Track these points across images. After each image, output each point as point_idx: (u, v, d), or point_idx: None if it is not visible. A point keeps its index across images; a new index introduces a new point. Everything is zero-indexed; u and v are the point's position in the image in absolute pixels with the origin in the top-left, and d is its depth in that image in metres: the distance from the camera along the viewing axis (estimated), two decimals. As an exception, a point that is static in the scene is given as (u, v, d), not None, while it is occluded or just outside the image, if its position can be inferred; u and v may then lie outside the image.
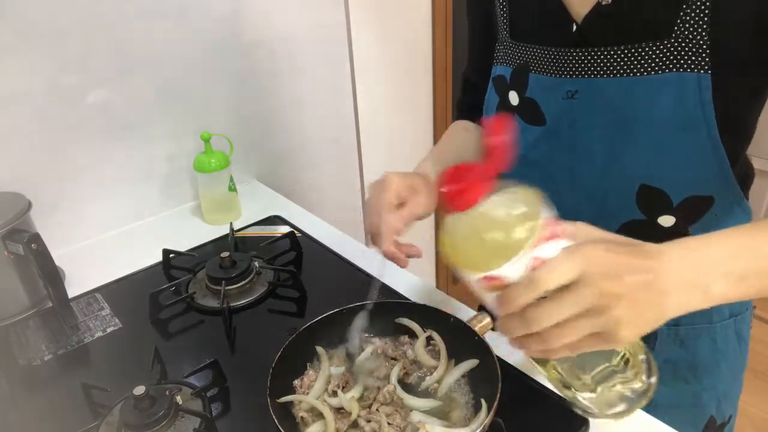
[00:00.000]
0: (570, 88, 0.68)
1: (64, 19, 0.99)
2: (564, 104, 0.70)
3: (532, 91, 0.73)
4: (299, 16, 1.31)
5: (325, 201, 1.54)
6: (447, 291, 0.99)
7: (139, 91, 1.11)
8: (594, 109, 0.68)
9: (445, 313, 0.73)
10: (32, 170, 1.03)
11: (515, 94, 0.75)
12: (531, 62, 0.72)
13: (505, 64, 0.77)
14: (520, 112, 0.75)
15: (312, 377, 0.70)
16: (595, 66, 0.66)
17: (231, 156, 1.15)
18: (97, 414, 0.70)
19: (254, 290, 0.93)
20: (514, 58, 0.75)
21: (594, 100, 0.67)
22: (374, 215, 0.66)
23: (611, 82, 0.65)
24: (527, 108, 0.74)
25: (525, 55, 0.73)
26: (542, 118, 0.72)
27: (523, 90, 0.74)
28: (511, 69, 0.75)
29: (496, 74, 0.79)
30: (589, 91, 0.67)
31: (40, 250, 0.85)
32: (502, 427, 0.63)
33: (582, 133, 0.69)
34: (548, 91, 0.71)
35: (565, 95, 0.69)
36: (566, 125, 0.70)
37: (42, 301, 0.94)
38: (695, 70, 0.60)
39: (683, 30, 0.60)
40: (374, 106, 1.59)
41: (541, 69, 0.71)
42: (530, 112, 0.73)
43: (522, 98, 0.74)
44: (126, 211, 1.17)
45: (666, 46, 0.61)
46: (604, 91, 0.66)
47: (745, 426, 1.87)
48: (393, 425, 0.63)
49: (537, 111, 0.73)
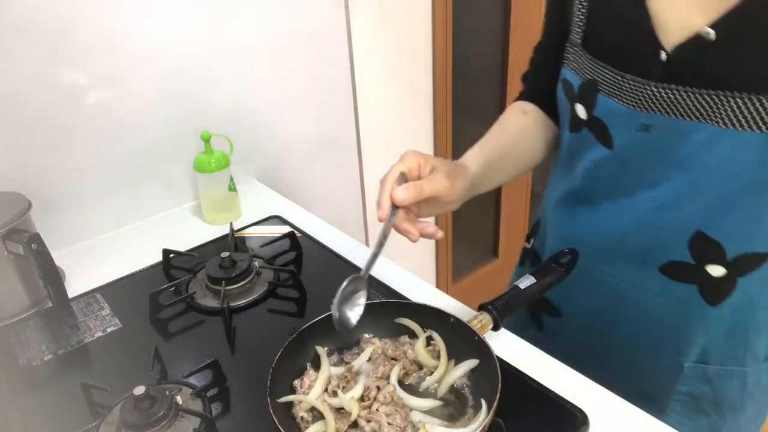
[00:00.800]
0: (645, 121, 0.63)
1: (64, 18, 0.99)
2: (636, 136, 0.65)
3: (600, 113, 0.68)
4: (299, 16, 1.31)
5: (325, 201, 1.54)
6: (447, 291, 0.99)
7: (139, 91, 1.11)
8: (669, 147, 0.63)
9: (445, 313, 0.73)
10: (32, 170, 1.03)
11: (582, 109, 0.70)
12: (601, 82, 0.67)
13: (573, 72, 0.71)
14: (588, 127, 0.71)
15: (312, 377, 0.70)
16: (678, 106, 0.60)
17: (231, 156, 1.15)
18: (97, 414, 0.70)
19: (254, 290, 0.93)
20: (584, 70, 0.69)
21: (670, 138, 0.62)
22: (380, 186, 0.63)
23: (693, 126, 0.60)
24: (595, 126, 0.69)
25: (595, 73, 0.67)
26: (610, 142, 0.68)
27: (591, 107, 0.69)
28: (580, 81, 0.70)
29: (564, 77, 0.74)
30: (666, 129, 0.62)
31: (40, 250, 0.85)
32: (502, 427, 0.63)
33: (652, 166, 0.65)
34: (619, 119, 0.66)
35: (638, 127, 0.64)
36: (635, 155, 0.66)
37: (42, 301, 0.94)
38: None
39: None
40: (374, 106, 1.59)
41: (613, 94, 0.65)
42: (598, 131, 0.69)
43: (590, 115, 0.70)
44: (126, 211, 1.17)
45: (761, 101, 0.55)
46: (683, 134, 0.61)
47: (745, 426, 1.87)
48: (393, 425, 0.63)
49: (605, 133, 0.68)
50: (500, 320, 0.72)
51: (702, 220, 0.64)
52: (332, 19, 1.39)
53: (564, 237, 0.82)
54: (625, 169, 0.68)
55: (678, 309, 0.72)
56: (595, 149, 0.71)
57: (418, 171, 0.65)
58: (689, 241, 0.66)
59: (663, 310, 0.73)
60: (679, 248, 0.67)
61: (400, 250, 0.96)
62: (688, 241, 0.66)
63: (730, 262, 0.65)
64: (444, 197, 0.64)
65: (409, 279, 0.94)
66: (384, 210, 0.60)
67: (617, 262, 0.74)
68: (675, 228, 0.67)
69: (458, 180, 0.66)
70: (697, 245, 0.66)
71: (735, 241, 0.64)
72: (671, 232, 0.67)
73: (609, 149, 0.69)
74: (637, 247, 0.71)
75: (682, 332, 0.73)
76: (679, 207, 0.65)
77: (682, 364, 0.75)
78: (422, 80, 1.72)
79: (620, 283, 0.75)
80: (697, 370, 0.74)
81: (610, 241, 0.74)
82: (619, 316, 0.77)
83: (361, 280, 0.62)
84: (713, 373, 0.74)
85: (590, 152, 0.72)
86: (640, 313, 0.75)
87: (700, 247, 0.66)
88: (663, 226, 0.67)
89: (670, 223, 0.67)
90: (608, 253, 0.75)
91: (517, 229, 2.37)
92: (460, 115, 1.86)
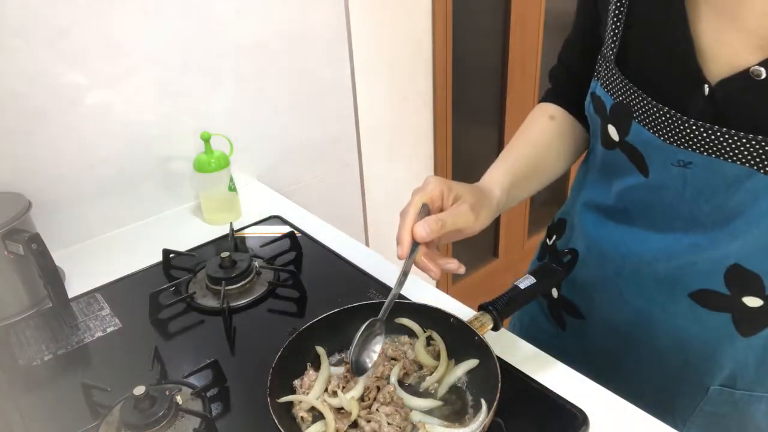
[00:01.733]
0: (683, 158, 0.58)
1: (64, 18, 0.99)
2: (673, 171, 0.60)
3: (635, 141, 0.63)
4: (299, 16, 1.31)
5: (325, 201, 1.54)
6: (447, 291, 0.99)
7: (139, 91, 1.11)
8: (708, 186, 0.58)
9: (445, 313, 0.73)
10: (32, 170, 1.03)
11: (615, 131, 0.64)
12: (636, 108, 0.61)
13: (605, 88, 0.65)
14: (621, 149, 0.65)
15: (312, 377, 0.69)
16: (722, 148, 0.55)
17: (231, 156, 1.15)
18: (97, 414, 0.70)
19: (254, 290, 0.93)
20: (616, 90, 0.63)
21: (710, 178, 0.58)
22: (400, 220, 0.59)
23: (734, 168, 0.55)
24: (629, 151, 0.64)
25: (629, 97, 0.61)
26: (646, 170, 0.63)
27: (625, 133, 0.63)
28: (612, 102, 0.64)
29: (594, 92, 0.67)
30: (708, 169, 0.57)
31: (40, 250, 0.85)
32: (502, 427, 0.63)
33: (689, 201, 0.61)
34: (656, 151, 0.61)
35: (676, 162, 0.59)
36: (672, 190, 0.62)
37: (42, 301, 0.94)
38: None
39: None
40: (374, 106, 1.59)
41: (648, 124, 0.60)
42: (633, 156, 0.64)
43: (623, 140, 0.64)
44: (126, 211, 1.17)
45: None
46: (727, 178, 0.56)
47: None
48: (393, 425, 0.63)
49: (640, 161, 0.63)
50: (500, 320, 0.72)
51: (739, 255, 0.61)
52: (332, 19, 1.39)
53: (592, 245, 0.76)
54: (662, 201, 0.64)
55: (708, 336, 0.68)
56: (629, 172, 0.65)
57: (441, 201, 0.61)
58: (725, 273, 0.62)
59: (692, 336, 0.69)
60: (714, 280, 0.63)
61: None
62: (723, 273, 0.62)
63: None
64: (466, 230, 0.62)
65: (409, 279, 0.94)
66: (404, 247, 0.58)
67: (645, 284, 0.70)
68: (710, 260, 0.63)
69: (482, 211, 0.63)
70: (733, 277, 0.62)
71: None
72: (706, 264, 0.63)
73: (644, 177, 0.64)
74: (667, 274, 0.67)
75: (710, 358, 0.70)
76: (717, 245, 0.61)
77: (708, 387, 0.72)
78: (422, 80, 1.72)
79: (647, 303, 0.71)
80: (723, 394, 0.71)
81: (640, 264, 0.69)
82: (645, 334, 0.74)
83: (378, 323, 0.63)
84: (739, 398, 0.71)
85: (625, 174, 0.67)
86: (666, 335, 0.72)
87: (736, 279, 0.62)
88: (697, 260, 0.64)
89: (705, 258, 0.63)
90: (637, 273, 0.71)
91: (517, 229, 2.37)
92: (460, 115, 1.86)
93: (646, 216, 0.67)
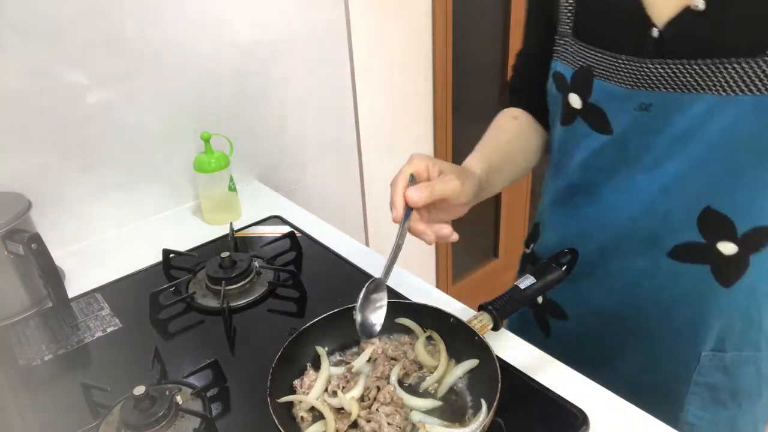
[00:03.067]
0: (644, 100, 0.63)
1: (64, 18, 0.99)
2: (636, 116, 0.65)
3: (597, 98, 0.68)
4: (299, 16, 1.31)
5: (325, 201, 1.54)
6: (447, 291, 0.99)
7: (139, 91, 1.11)
8: (669, 124, 0.63)
9: (445, 313, 0.73)
10: (32, 170, 1.03)
11: (577, 98, 0.70)
12: (596, 67, 0.67)
13: (565, 62, 0.71)
14: (583, 116, 0.70)
15: (312, 377, 0.70)
16: (676, 80, 0.60)
17: (231, 156, 1.15)
18: (97, 414, 0.70)
19: (254, 290, 0.93)
20: (576, 58, 0.69)
21: (670, 114, 0.62)
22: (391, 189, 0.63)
23: (691, 98, 0.60)
24: (592, 114, 0.69)
25: (589, 59, 0.67)
26: (609, 128, 0.68)
27: (587, 95, 0.69)
28: (573, 70, 0.70)
29: (556, 70, 0.73)
30: (665, 106, 0.62)
31: (40, 250, 0.85)
32: (502, 427, 0.63)
33: (652, 147, 0.65)
34: (617, 101, 0.66)
35: (637, 107, 0.64)
36: (636, 137, 0.66)
37: (42, 301, 0.94)
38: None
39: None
40: (374, 106, 1.59)
41: (609, 77, 0.65)
42: (595, 118, 0.69)
43: (585, 103, 0.69)
44: (126, 211, 1.17)
45: (758, 64, 0.55)
46: (682, 107, 0.61)
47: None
48: (393, 425, 0.63)
49: (603, 119, 0.68)
50: (500, 320, 0.72)
51: (709, 195, 0.64)
52: (332, 19, 1.39)
53: (566, 235, 0.81)
54: (627, 153, 0.68)
55: (692, 294, 0.71)
56: (591, 138, 0.70)
57: (427, 173, 0.65)
58: (698, 218, 0.65)
59: (676, 297, 0.72)
60: (689, 228, 0.66)
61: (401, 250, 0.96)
62: (696, 219, 0.65)
63: (741, 238, 0.65)
64: (454, 199, 0.64)
65: (409, 279, 0.94)
66: (399, 210, 0.61)
67: (626, 253, 0.73)
68: (682, 207, 0.66)
69: (466, 182, 0.66)
70: (706, 222, 0.65)
71: (744, 215, 0.64)
72: (679, 211, 0.66)
73: (608, 135, 0.68)
74: (645, 233, 0.70)
75: (696, 319, 0.72)
76: (684, 184, 0.64)
77: (699, 354, 0.74)
78: (422, 80, 1.72)
79: (630, 274, 0.74)
80: (714, 359, 0.74)
81: (617, 230, 0.73)
82: (631, 310, 0.76)
83: (380, 283, 0.63)
84: (730, 361, 0.74)
85: (586, 142, 0.71)
86: (652, 304, 0.74)
87: (709, 224, 0.65)
88: (670, 207, 0.67)
89: (677, 203, 0.66)
90: (615, 243, 0.74)
91: (517, 229, 2.37)
92: (459, 115, 1.86)
93: (612, 177, 0.71)
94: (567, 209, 0.80)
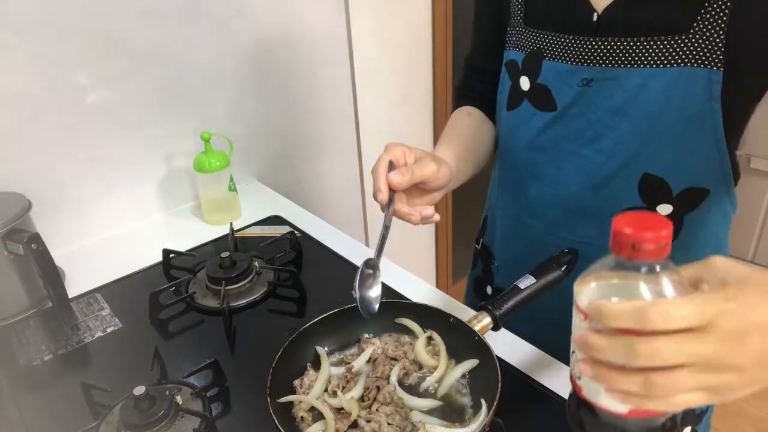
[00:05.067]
0: (586, 75, 0.70)
1: (64, 18, 0.99)
2: (578, 91, 0.71)
3: (545, 78, 0.74)
4: (299, 16, 1.31)
5: (325, 201, 1.54)
6: (447, 291, 0.99)
7: (139, 91, 1.11)
8: (608, 97, 0.69)
9: (445, 313, 0.73)
10: (32, 170, 1.03)
11: (526, 80, 0.76)
12: (545, 49, 0.73)
13: (517, 49, 0.78)
14: (529, 98, 0.77)
15: (312, 377, 0.70)
16: (613, 56, 0.67)
17: (231, 156, 1.15)
18: (97, 414, 0.70)
19: (254, 290, 0.93)
20: (528, 43, 0.76)
21: (609, 88, 0.69)
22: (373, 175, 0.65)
23: (627, 72, 0.67)
24: (538, 94, 0.75)
25: (539, 42, 0.74)
26: (553, 105, 0.74)
27: (536, 76, 0.75)
28: (524, 55, 0.76)
29: (509, 59, 0.80)
30: (604, 80, 0.69)
31: (40, 250, 0.85)
32: (502, 427, 0.63)
33: (593, 120, 0.71)
34: (562, 78, 0.72)
35: (580, 83, 0.71)
36: (578, 112, 0.72)
37: (42, 301, 0.94)
38: (708, 66, 0.62)
39: (701, 27, 0.61)
40: (374, 106, 1.59)
41: (557, 56, 0.72)
42: (541, 98, 0.75)
43: (533, 84, 0.75)
44: (126, 211, 1.17)
45: (683, 40, 0.63)
46: (619, 81, 0.68)
47: (745, 426, 1.87)
48: (393, 425, 0.63)
49: (548, 97, 0.74)
50: (500, 320, 0.72)
51: (647, 161, 0.69)
52: (332, 19, 1.39)
53: (518, 219, 0.85)
54: (569, 128, 0.73)
55: None
56: (536, 117, 0.76)
57: (404, 159, 0.68)
58: (638, 185, 0.71)
59: None
60: (631, 194, 0.71)
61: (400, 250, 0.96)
62: (637, 186, 0.71)
63: (676, 198, 0.70)
64: (432, 181, 0.67)
65: (409, 279, 0.94)
66: (384, 193, 0.63)
67: (574, 226, 0.78)
68: (624, 175, 0.71)
69: (442, 165, 0.69)
70: (646, 187, 0.71)
71: (677, 176, 0.69)
72: (621, 179, 0.71)
73: (552, 112, 0.74)
74: (592, 204, 0.75)
75: None
76: (624, 153, 0.70)
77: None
78: (422, 80, 1.72)
79: (578, 247, 0.76)
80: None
81: (565, 205, 0.77)
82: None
83: (374, 262, 0.65)
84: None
85: (532, 122, 0.76)
86: None
87: (648, 189, 0.71)
88: (613, 175, 0.72)
89: (619, 172, 0.71)
90: (564, 218, 0.78)
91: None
92: (460, 115, 1.86)
93: (557, 154, 0.76)
94: (516, 193, 0.85)
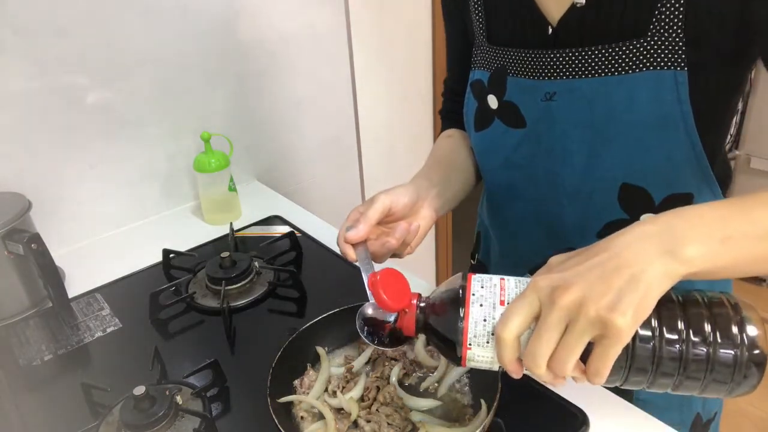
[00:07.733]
0: (548, 89, 0.68)
1: (64, 18, 0.99)
2: (543, 106, 0.69)
3: (511, 95, 0.73)
4: (299, 16, 1.31)
5: (325, 201, 1.54)
6: (447, 291, 0.99)
7: (139, 91, 1.11)
8: (573, 110, 0.67)
9: (445, 313, 0.73)
10: (32, 170, 1.03)
11: (494, 98, 0.75)
12: (509, 65, 0.72)
13: (482, 69, 0.76)
14: (500, 116, 0.75)
15: (312, 377, 0.70)
16: (573, 67, 0.66)
17: (231, 156, 1.15)
18: (97, 414, 0.70)
19: (254, 290, 0.93)
20: (492, 62, 0.74)
21: (572, 101, 0.67)
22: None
23: (589, 83, 0.65)
24: (507, 111, 0.74)
25: (502, 59, 0.72)
26: (522, 121, 0.72)
27: (502, 93, 0.73)
28: (489, 73, 0.75)
29: (474, 79, 0.78)
30: (567, 93, 0.67)
31: (40, 250, 0.85)
32: (502, 427, 0.63)
33: (561, 134, 0.69)
34: (527, 94, 0.71)
35: (543, 97, 0.69)
36: (545, 128, 0.70)
37: (42, 301, 0.94)
38: (671, 68, 0.60)
39: (658, 28, 0.60)
40: (374, 106, 1.59)
41: (519, 72, 0.71)
42: (510, 115, 0.73)
43: (501, 102, 0.74)
44: (126, 211, 1.17)
45: (642, 44, 0.61)
46: (582, 92, 0.66)
47: (745, 426, 1.87)
48: (393, 425, 0.63)
49: (517, 114, 0.73)
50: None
51: (622, 171, 0.67)
52: (332, 19, 1.39)
53: (502, 238, 0.85)
54: (541, 145, 0.72)
55: None
56: (508, 135, 0.74)
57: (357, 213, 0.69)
58: (618, 196, 0.69)
59: None
60: (612, 207, 0.70)
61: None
62: (617, 198, 0.69)
63: (658, 207, 0.68)
64: (395, 208, 0.68)
65: (408, 279, 0.94)
66: (350, 253, 0.66)
67: (562, 243, 0.75)
68: (602, 188, 0.69)
69: (399, 190, 0.69)
70: (626, 198, 0.69)
71: (657, 183, 0.67)
72: (600, 193, 0.70)
73: (522, 129, 0.73)
74: (574, 220, 0.74)
75: None
76: (599, 166, 0.68)
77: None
78: (422, 80, 1.72)
79: None
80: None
81: (549, 224, 0.76)
82: None
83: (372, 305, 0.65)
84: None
85: (504, 140, 0.75)
86: None
87: (629, 199, 0.69)
88: (590, 190, 0.70)
89: (595, 185, 0.70)
90: (548, 236, 0.77)
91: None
92: (460, 115, 1.86)
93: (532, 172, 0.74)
94: (498, 213, 0.85)
